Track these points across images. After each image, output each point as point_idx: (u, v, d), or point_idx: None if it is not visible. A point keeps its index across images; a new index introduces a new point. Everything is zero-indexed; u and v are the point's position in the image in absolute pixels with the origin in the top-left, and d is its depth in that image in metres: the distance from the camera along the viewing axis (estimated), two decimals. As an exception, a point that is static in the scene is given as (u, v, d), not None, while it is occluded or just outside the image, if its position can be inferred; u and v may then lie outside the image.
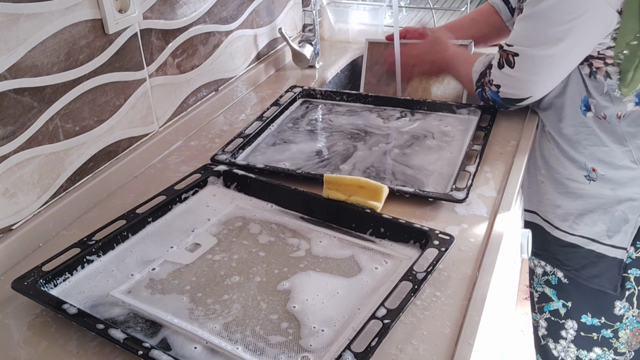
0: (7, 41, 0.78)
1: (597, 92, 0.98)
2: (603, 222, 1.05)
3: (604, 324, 1.10)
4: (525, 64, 0.97)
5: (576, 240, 1.08)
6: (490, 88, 1.03)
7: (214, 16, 1.23)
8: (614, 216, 1.03)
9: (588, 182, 1.04)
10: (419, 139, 1.10)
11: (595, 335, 1.12)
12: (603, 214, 1.04)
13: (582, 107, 1.01)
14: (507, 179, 0.97)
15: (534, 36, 0.95)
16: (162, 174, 1.04)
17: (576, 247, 1.08)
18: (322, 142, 1.12)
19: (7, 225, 0.83)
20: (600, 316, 1.10)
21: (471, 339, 0.67)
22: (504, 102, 1.04)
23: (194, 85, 1.20)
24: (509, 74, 0.99)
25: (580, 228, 1.07)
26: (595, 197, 1.04)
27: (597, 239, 1.06)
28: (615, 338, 1.11)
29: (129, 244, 0.84)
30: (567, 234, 1.09)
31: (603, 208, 1.04)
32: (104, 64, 0.95)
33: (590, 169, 1.03)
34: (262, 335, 0.68)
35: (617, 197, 1.03)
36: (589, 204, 1.05)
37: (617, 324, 1.09)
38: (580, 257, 1.08)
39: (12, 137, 0.81)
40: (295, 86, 1.33)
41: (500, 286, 0.95)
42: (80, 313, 0.69)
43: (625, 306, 1.07)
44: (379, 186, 0.88)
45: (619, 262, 1.04)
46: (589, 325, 1.12)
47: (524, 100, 1.02)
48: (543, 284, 1.18)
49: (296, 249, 0.83)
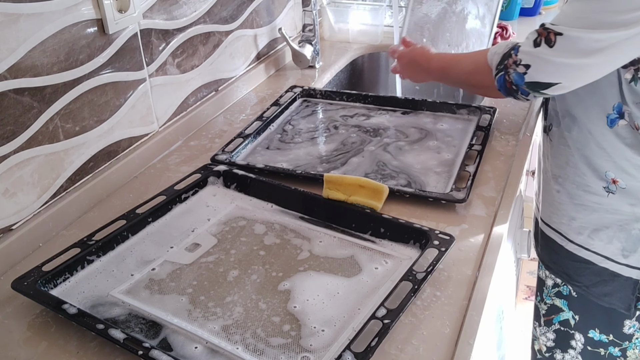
0: (7, 41, 0.78)
1: (634, 100, 0.92)
2: (619, 240, 0.98)
3: (612, 341, 1.07)
4: (568, 45, 0.85)
5: (590, 256, 1.02)
6: (516, 70, 0.92)
7: (214, 16, 1.23)
8: (631, 234, 0.97)
9: (606, 195, 0.97)
10: (419, 139, 1.10)
11: (603, 351, 1.09)
12: (619, 231, 0.99)
13: (613, 114, 0.94)
14: (507, 179, 0.97)
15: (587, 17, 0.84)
16: (162, 174, 1.04)
17: (589, 263, 1.02)
18: (322, 142, 1.12)
19: (7, 225, 0.83)
20: (608, 333, 1.06)
21: (471, 339, 0.67)
22: (528, 87, 0.93)
23: (194, 85, 1.20)
24: (544, 54, 0.88)
25: (594, 244, 1.01)
26: (612, 213, 0.99)
27: (611, 257, 1.00)
28: (623, 357, 1.08)
29: (129, 244, 0.84)
30: (582, 249, 1.03)
31: (619, 225, 0.98)
32: (104, 64, 0.95)
33: (610, 180, 0.98)
34: (263, 335, 0.68)
35: (635, 214, 0.96)
36: (606, 219, 0.99)
37: (626, 343, 1.06)
38: (593, 274, 1.03)
39: (12, 137, 0.81)
40: (295, 86, 1.33)
41: (500, 286, 0.95)
42: (80, 313, 0.69)
43: (635, 325, 1.04)
44: (379, 186, 0.88)
45: (633, 282, 0.99)
46: (597, 340, 1.09)
47: (551, 87, 0.90)
48: (553, 295, 1.13)
49: (300, 251, 0.83)
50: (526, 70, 0.90)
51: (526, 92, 0.94)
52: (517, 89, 0.94)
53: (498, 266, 0.79)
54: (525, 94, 0.94)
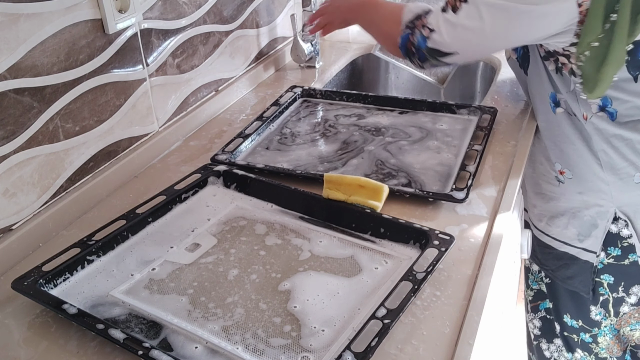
0: (7, 41, 0.78)
1: (564, 88, 0.95)
2: (573, 226, 1.03)
3: (581, 327, 1.10)
4: (470, 11, 0.88)
5: (550, 241, 1.08)
6: (421, 32, 0.94)
7: (214, 16, 1.23)
8: (584, 220, 1.02)
9: (558, 184, 1.03)
10: (419, 139, 1.10)
11: (576, 337, 1.12)
12: (572, 218, 1.03)
13: (550, 103, 0.98)
14: (507, 179, 0.97)
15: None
16: (162, 174, 1.04)
17: (551, 248, 1.09)
18: (322, 142, 1.12)
19: (7, 225, 0.83)
20: (578, 319, 1.10)
21: (471, 339, 0.67)
22: (427, 52, 0.95)
23: (194, 85, 1.20)
24: (449, 19, 0.91)
25: (553, 230, 1.07)
26: (564, 201, 1.04)
27: (568, 242, 1.05)
28: (594, 343, 1.10)
29: (129, 244, 0.84)
30: (543, 234, 1.09)
31: (572, 212, 1.03)
32: (104, 64, 0.95)
33: (558, 172, 1.02)
34: (263, 336, 0.68)
35: (585, 202, 1.01)
36: (559, 207, 1.04)
37: (595, 330, 1.09)
38: (555, 259, 1.09)
39: (12, 137, 0.81)
40: (295, 86, 1.33)
41: (500, 286, 0.95)
42: (80, 313, 0.69)
43: (601, 313, 1.06)
44: (379, 186, 0.88)
45: (590, 266, 1.03)
46: (569, 326, 1.12)
47: (447, 56, 0.94)
48: (539, 280, 1.18)
49: (300, 251, 0.83)
50: (430, 35, 0.93)
51: (424, 57, 0.96)
52: (416, 53, 0.96)
53: (498, 266, 0.79)
54: (422, 59, 0.97)
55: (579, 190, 1.01)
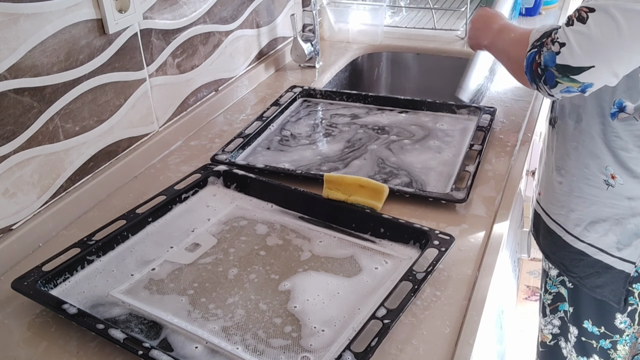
0: (7, 41, 0.78)
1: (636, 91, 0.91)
2: (614, 234, 1.00)
3: (603, 333, 1.09)
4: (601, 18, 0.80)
5: (585, 248, 1.03)
6: (549, 48, 0.86)
7: (214, 16, 1.23)
8: (626, 228, 0.98)
9: (606, 188, 0.98)
10: (420, 139, 1.10)
11: (595, 343, 1.11)
12: (615, 224, 1.00)
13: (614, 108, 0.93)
14: (507, 179, 0.97)
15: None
16: (162, 174, 1.04)
17: (584, 254, 1.04)
18: (322, 142, 1.12)
19: (7, 225, 0.83)
20: (600, 325, 1.09)
21: (471, 339, 0.67)
22: (557, 70, 0.86)
23: (194, 85, 1.20)
24: (579, 30, 0.82)
25: (590, 236, 1.02)
26: (609, 206, 1.00)
27: (606, 250, 1.01)
28: (613, 349, 1.09)
29: (129, 244, 0.84)
30: (578, 240, 1.04)
31: (616, 218, 1.00)
32: (104, 64, 0.95)
33: (609, 175, 1.00)
34: (263, 336, 0.68)
35: (633, 209, 0.99)
36: (603, 212, 1.00)
37: (617, 337, 1.07)
38: (586, 266, 1.05)
39: (12, 137, 0.81)
40: (295, 86, 1.33)
41: (500, 286, 0.95)
42: (80, 313, 0.69)
43: (627, 322, 1.05)
44: (379, 186, 0.88)
45: (625, 276, 1.01)
46: (590, 332, 1.11)
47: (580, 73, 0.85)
48: (559, 284, 1.15)
49: (300, 251, 0.83)
50: (560, 49, 0.85)
51: (552, 78, 0.87)
52: (543, 73, 0.88)
53: (498, 266, 0.79)
54: (550, 82, 0.88)
55: (629, 197, 0.98)
